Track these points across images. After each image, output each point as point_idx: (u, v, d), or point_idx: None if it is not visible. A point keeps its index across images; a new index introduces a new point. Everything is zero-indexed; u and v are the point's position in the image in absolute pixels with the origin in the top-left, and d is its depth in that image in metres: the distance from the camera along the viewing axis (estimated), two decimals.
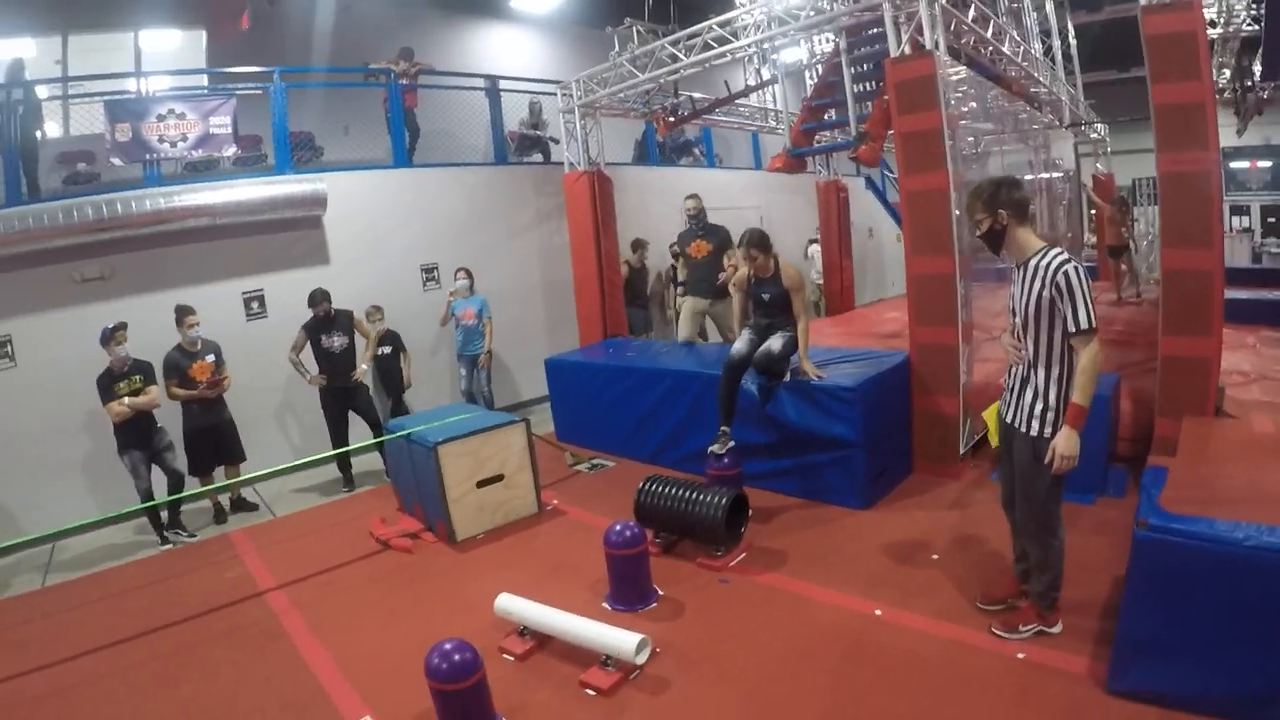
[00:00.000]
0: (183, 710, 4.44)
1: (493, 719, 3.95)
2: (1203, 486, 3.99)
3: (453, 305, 9.57)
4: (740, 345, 6.53)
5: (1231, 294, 6.55)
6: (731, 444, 6.32)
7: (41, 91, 8.96)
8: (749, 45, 8.33)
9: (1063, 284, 3.71)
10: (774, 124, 13.22)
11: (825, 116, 8.98)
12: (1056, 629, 4.25)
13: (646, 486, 5.88)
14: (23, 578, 6.77)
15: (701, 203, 8.60)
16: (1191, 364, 5.54)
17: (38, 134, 8.63)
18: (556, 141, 11.47)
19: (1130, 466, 6.20)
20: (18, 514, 7.42)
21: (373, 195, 9.75)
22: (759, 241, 6.32)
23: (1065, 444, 3.81)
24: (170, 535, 7.19)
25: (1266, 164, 20.73)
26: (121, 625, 5.52)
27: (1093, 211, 14.79)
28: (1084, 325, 3.69)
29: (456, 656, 3.74)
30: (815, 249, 15.07)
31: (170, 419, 7.38)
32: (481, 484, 6.53)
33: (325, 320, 8.04)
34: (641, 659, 4.33)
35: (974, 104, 8.38)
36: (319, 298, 7.98)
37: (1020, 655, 4.12)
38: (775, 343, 6.37)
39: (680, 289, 9.23)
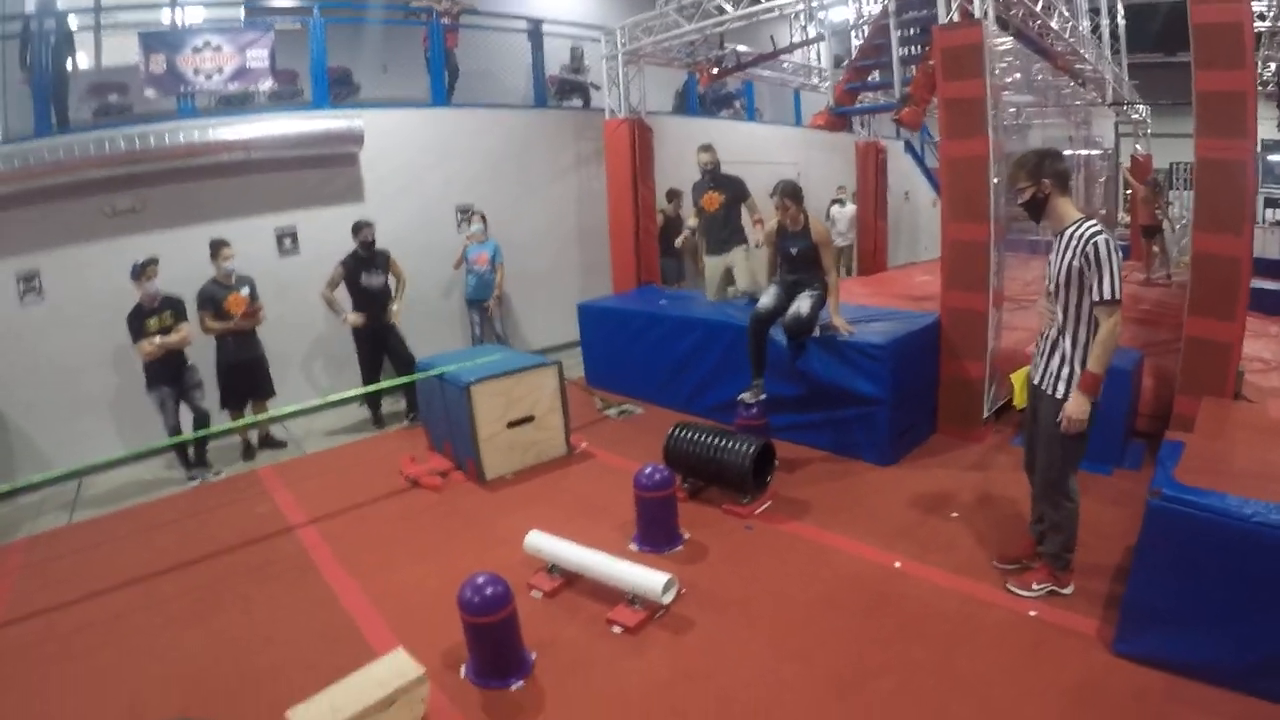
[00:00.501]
0: (215, 642, 4.53)
1: (522, 652, 4.08)
2: (1216, 463, 4.05)
3: (467, 250, 9.54)
4: (766, 300, 6.56)
5: (1259, 284, 6.60)
6: (763, 396, 6.46)
7: (72, 21, 8.81)
8: (797, 1, 8.28)
9: (1091, 254, 3.79)
10: (816, 82, 13.14)
11: (869, 78, 8.96)
12: (1068, 590, 4.37)
13: (676, 432, 5.98)
14: (48, 515, 6.79)
15: (715, 155, 8.33)
16: (1214, 346, 5.59)
17: (69, 65, 8.46)
18: (597, 88, 11.42)
19: (1148, 442, 6.27)
20: (44, 449, 7.41)
21: (410, 134, 9.72)
22: (792, 192, 6.31)
23: (1074, 407, 3.97)
24: (197, 473, 7.24)
25: None
26: (152, 560, 5.59)
27: (1128, 191, 14.72)
28: (1107, 296, 3.78)
29: (489, 590, 3.86)
30: (838, 210, 14.63)
31: (202, 355, 7.38)
32: (512, 424, 6.61)
33: (365, 258, 8.04)
34: (668, 599, 4.45)
35: (1018, 75, 8.35)
36: (362, 224, 8.01)
37: (1033, 613, 4.25)
38: (804, 304, 6.37)
39: (688, 233, 9.14)
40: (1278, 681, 3.42)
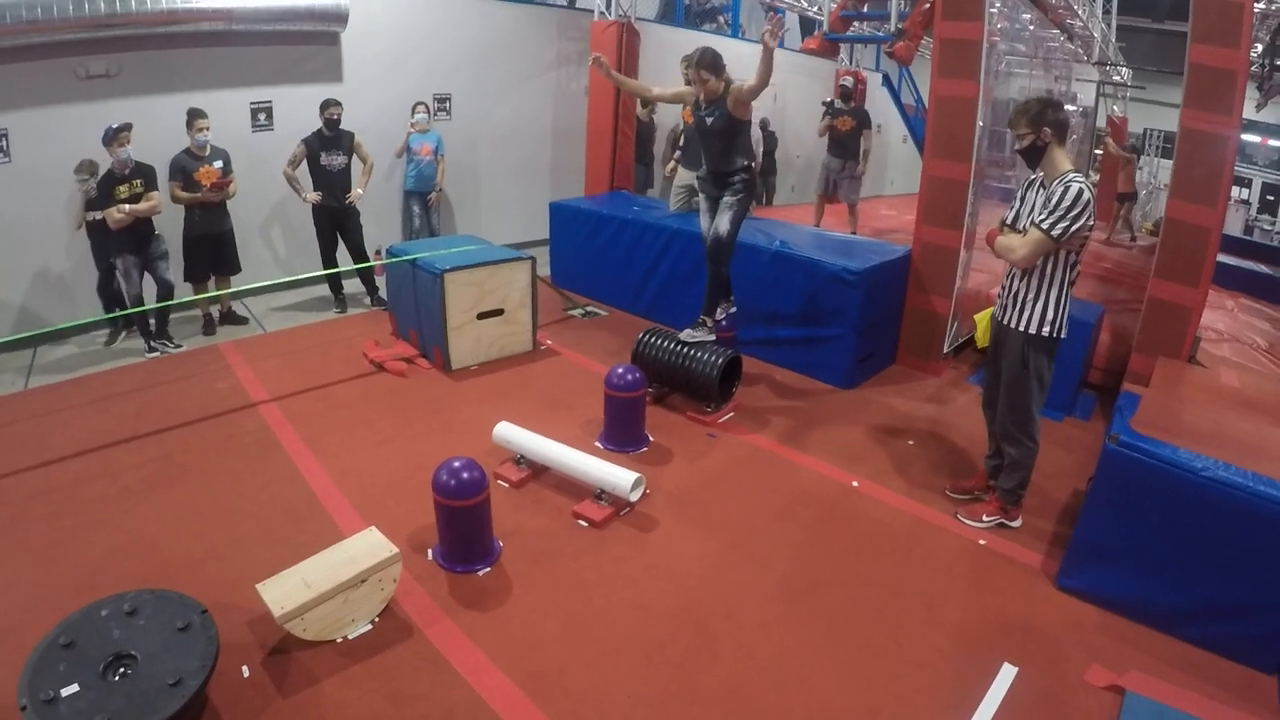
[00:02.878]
0: (176, 513, 4.48)
1: (491, 539, 4.16)
2: (1170, 418, 4.22)
3: (410, 138, 9.28)
4: (705, 222, 6.05)
5: (1221, 259, 6.78)
6: (733, 309, 6.31)
7: None
8: None
9: (1058, 191, 3.86)
10: (806, 4, 12.97)
11: (865, 7, 8.89)
12: (1016, 524, 4.58)
13: (646, 338, 6.06)
14: (3, 379, 6.58)
15: None
16: (1175, 309, 5.76)
17: None
18: None
19: (1098, 394, 6.55)
20: (1, 314, 7.20)
21: (395, 17, 9.45)
22: (710, 62, 5.48)
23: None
24: (157, 345, 7.11)
25: (1276, 144, 20.85)
26: (111, 429, 5.49)
27: (1098, 152, 14.87)
28: (1046, 225, 3.87)
29: (465, 474, 3.87)
30: None
31: (169, 227, 7.23)
32: (482, 316, 6.63)
33: (329, 137, 7.90)
34: (636, 497, 4.56)
35: (1006, 23, 8.36)
36: (330, 102, 7.84)
37: (981, 542, 4.45)
38: (723, 221, 5.80)
39: (678, 154, 9.06)
40: (1202, 628, 3.65)
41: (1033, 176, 4.18)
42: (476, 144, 10.51)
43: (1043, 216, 3.88)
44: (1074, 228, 3.84)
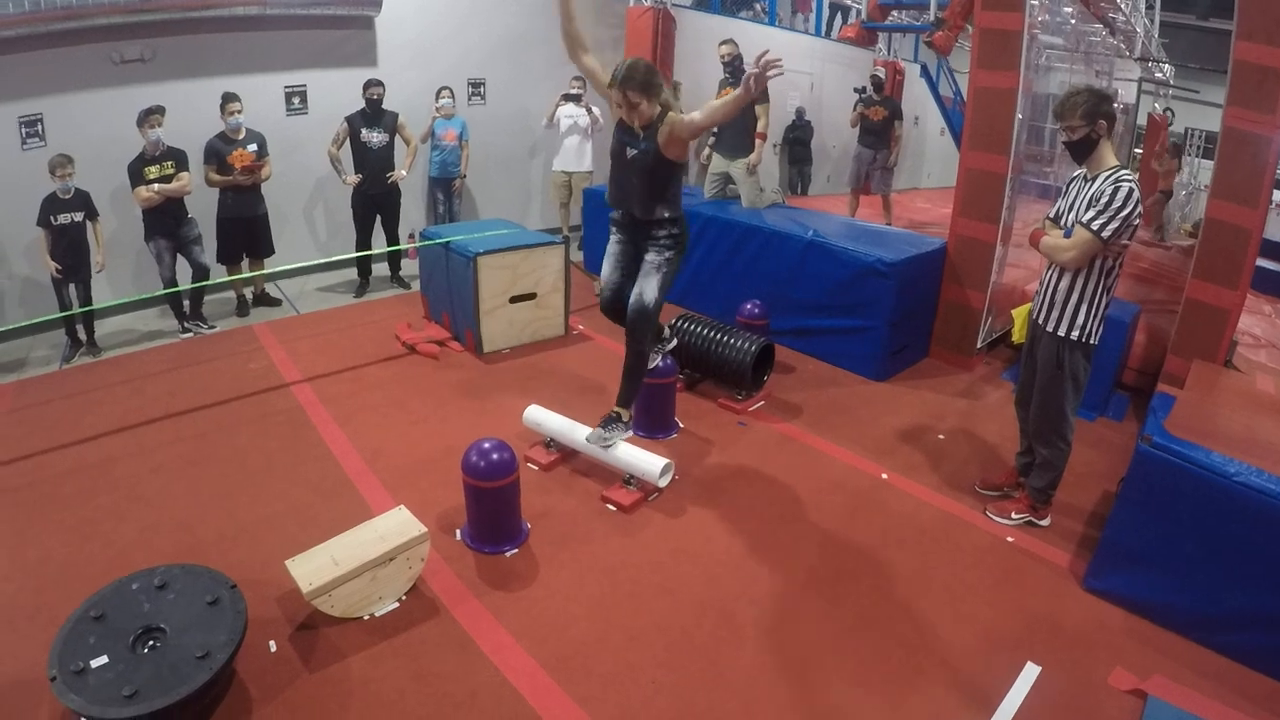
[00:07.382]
0: (208, 491, 4.53)
1: (519, 521, 4.17)
2: (1204, 421, 4.15)
3: (434, 125, 9.13)
4: (609, 273, 4.73)
5: (1261, 263, 6.67)
6: (674, 343, 5.32)
7: None
8: None
9: (1108, 191, 3.76)
10: None
11: None
12: (1045, 522, 4.53)
13: (679, 324, 6.02)
14: (39, 355, 6.74)
15: (737, 48, 7.92)
16: (1213, 311, 5.66)
17: None
18: None
19: (1132, 395, 6.46)
20: (36, 293, 7.19)
21: (430, 1, 9.47)
22: (643, 80, 4.17)
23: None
24: (191, 325, 7.20)
25: None
26: (144, 408, 5.57)
27: (1137, 151, 14.61)
28: (1095, 226, 3.75)
29: (495, 455, 3.89)
30: (568, 113, 9.83)
31: (204, 210, 7.31)
32: (515, 299, 6.65)
33: (370, 115, 7.95)
34: (664, 482, 4.56)
35: (1048, 15, 8.26)
36: (372, 82, 7.92)
37: (1009, 539, 4.39)
38: (649, 286, 4.46)
39: (711, 140, 8.96)
40: (1229, 636, 3.58)
41: (1077, 171, 4.11)
42: (511, 129, 10.51)
43: (1091, 216, 3.79)
44: (1123, 229, 3.76)
